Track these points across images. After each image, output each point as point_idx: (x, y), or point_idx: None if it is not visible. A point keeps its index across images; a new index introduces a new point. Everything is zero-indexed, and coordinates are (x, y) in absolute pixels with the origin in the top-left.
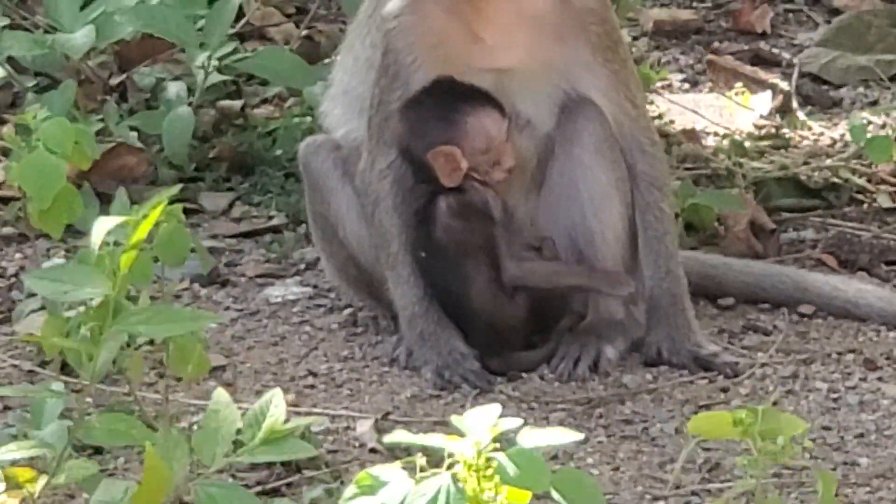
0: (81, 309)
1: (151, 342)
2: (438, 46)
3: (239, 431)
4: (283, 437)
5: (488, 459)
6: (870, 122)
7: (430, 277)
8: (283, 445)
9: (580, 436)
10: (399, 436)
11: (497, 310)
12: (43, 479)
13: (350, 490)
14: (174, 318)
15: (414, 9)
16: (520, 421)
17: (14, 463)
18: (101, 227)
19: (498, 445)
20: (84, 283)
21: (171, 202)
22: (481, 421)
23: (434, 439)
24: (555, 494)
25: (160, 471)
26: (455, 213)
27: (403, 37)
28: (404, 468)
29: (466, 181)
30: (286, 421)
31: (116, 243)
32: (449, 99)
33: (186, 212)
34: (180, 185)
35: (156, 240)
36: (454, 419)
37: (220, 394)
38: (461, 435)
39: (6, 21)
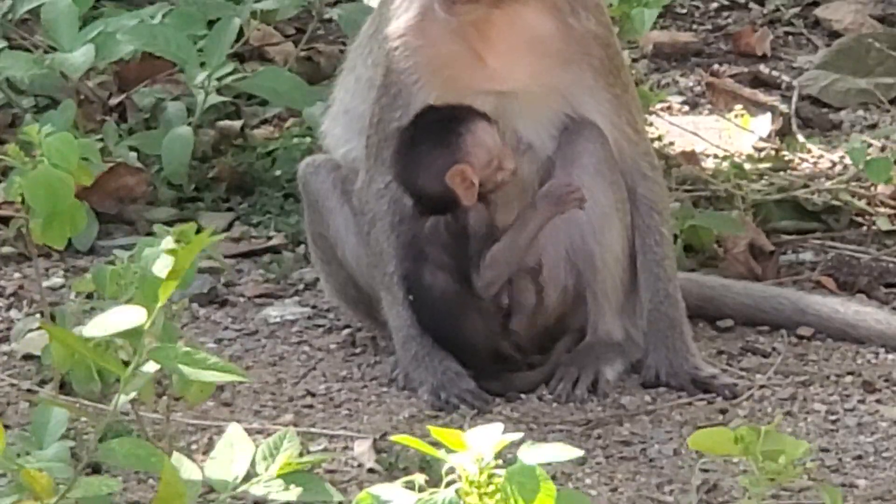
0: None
1: None
2: (441, 68)
3: (252, 463)
4: (299, 474)
5: (490, 476)
6: (869, 145)
7: (424, 310)
8: (302, 483)
9: (580, 452)
10: (405, 440)
11: (494, 337)
12: (59, 491)
13: None
14: (206, 364)
15: (418, 29)
16: (520, 435)
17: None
18: (149, 257)
19: (500, 462)
20: (126, 319)
21: (171, 223)
22: (483, 438)
23: (437, 451)
24: None
25: (176, 487)
26: (452, 236)
27: (406, 57)
28: (404, 487)
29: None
30: (301, 455)
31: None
32: (440, 125)
33: None
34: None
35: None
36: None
37: (235, 428)
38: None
39: (4, 43)
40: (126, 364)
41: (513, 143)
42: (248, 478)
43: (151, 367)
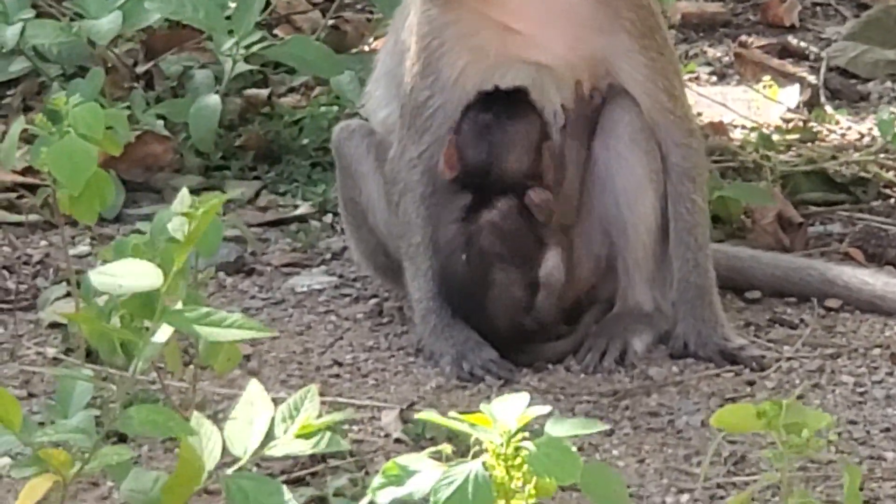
0: (107, 297)
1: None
2: (472, 36)
3: (272, 424)
4: (314, 432)
5: (517, 448)
6: None
7: (456, 280)
8: (314, 439)
9: (607, 426)
10: (429, 418)
11: (519, 313)
12: (77, 464)
13: (377, 480)
14: (225, 323)
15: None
16: (547, 408)
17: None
18: (163, 220)
19: (526, 434)
20: (138, 276)
21: (199, 191)
22: (509, 409)
23: (462, 424)
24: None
25: (194, 463)
26: (513, 215)
27: (437, 24)
28: (431, 458)
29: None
30: (319, 416)
31: (161, 234)
32: (522, 104)
33: None
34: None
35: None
36: (483, 408)
37: (255, 385)
38: (489, 420)
39: (32, 12)
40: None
41: (549, 114)
42: (268, 438)
43: (166, 331)
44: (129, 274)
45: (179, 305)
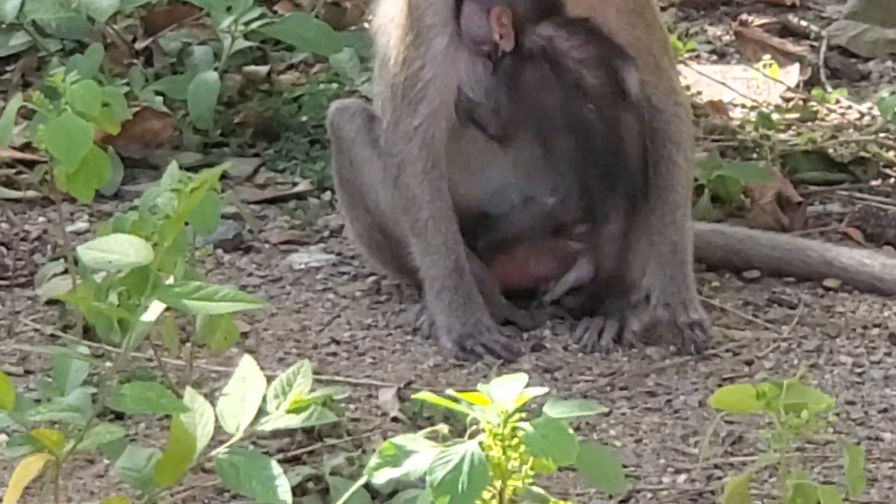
0: (105, 274)
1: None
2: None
3: (264, 400)
4: (306, 407)
5: (514, 429)
6: None
7: None
8: (305, 413)
9: (605, 408)
10: (425, 397)
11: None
12: (70, 443)
13: (374, 460)
14: (216, 297)
15: None
16: (545, 389)
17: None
18: (151, 197)
19: (524, 415)
20: (128, 252)
21: (197, 168)
22: (507, 390)
23: (459, 406)
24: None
25: (186, 440)
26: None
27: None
28: (427, 438)
29: None
30: (311, 391)
31: (152, 210)
32: None
33: None
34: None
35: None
36: (480, 388)
37: (247, 361)
38: (487, 400)
39: None
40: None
41: None
42: (260, 415)
43: (158, 307)
44: (118, 250)
45: (171, 281)
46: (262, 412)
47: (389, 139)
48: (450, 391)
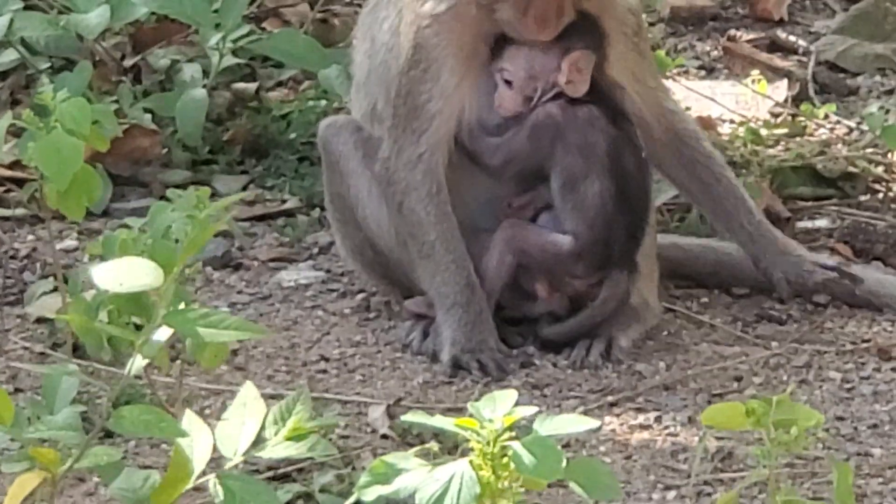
0: (94, 292)
1: None
2: (471, 45)
3: (263, 425)
4: (305, 435)
5: (503, 448)
6: (887, 111)
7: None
8: (304, 443)
9: (596, 423)
10: (415, 417)
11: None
12: (67, 462)
13: (364, 478)
14: (222, 324)
15: (454, 14)
16: (535, 409)
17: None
18: (159, 218)
19: (513, 433)
20: (140, 275)
21: (186, 186)
22: (496, 408)
23: (449, 425)
24: (572, 484)
25: (185, 466)
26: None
27: (439, 37)
28: (418, 455)
29: None
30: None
31: (166, 234)
32: None
33: None
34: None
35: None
36: (470, 406)
37: (249, 387)
38: (476, 421)
39: (20, 3)
40: (138, 328)
41: None
42: (259, 441)
43: (165, 332)
44: (130, 273)
45: (170, 303)
46: (260, 436)
47: (392, 167)
48: (439, 411)
